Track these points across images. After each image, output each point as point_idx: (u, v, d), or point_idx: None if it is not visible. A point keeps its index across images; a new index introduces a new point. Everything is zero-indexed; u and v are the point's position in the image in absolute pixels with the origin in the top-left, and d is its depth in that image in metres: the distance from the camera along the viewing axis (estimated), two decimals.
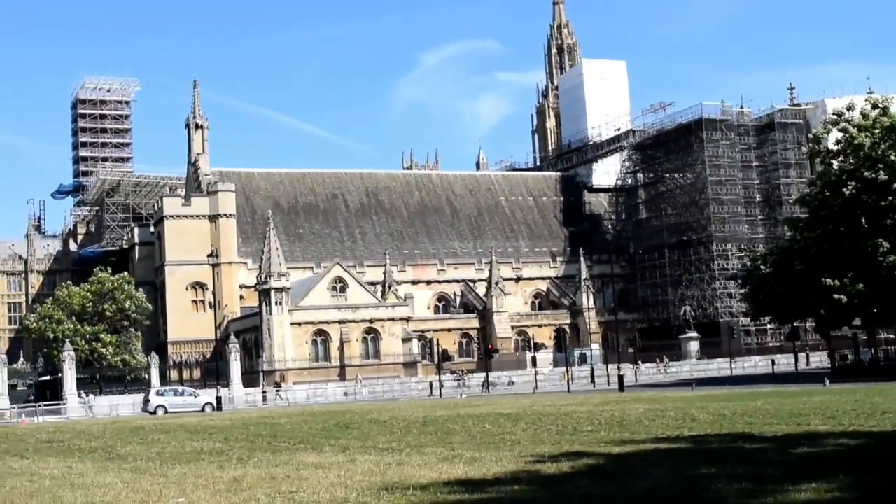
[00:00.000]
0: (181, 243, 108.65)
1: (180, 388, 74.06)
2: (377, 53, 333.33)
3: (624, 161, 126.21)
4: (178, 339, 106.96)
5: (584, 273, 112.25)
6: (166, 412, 63.00)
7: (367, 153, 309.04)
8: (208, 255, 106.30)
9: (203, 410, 65.09)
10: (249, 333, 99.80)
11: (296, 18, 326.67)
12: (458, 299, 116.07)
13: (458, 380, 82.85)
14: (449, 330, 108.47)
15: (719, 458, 16.44)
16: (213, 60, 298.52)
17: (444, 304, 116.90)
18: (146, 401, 67.10)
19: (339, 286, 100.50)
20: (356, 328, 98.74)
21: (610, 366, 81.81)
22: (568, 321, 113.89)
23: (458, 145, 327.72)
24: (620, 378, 64.80)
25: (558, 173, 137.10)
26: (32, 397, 78.79)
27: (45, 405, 73.19)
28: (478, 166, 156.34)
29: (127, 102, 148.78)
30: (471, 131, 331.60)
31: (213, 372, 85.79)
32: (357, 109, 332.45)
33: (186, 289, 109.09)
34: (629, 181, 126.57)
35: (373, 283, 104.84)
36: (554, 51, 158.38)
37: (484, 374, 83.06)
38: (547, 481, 14.65)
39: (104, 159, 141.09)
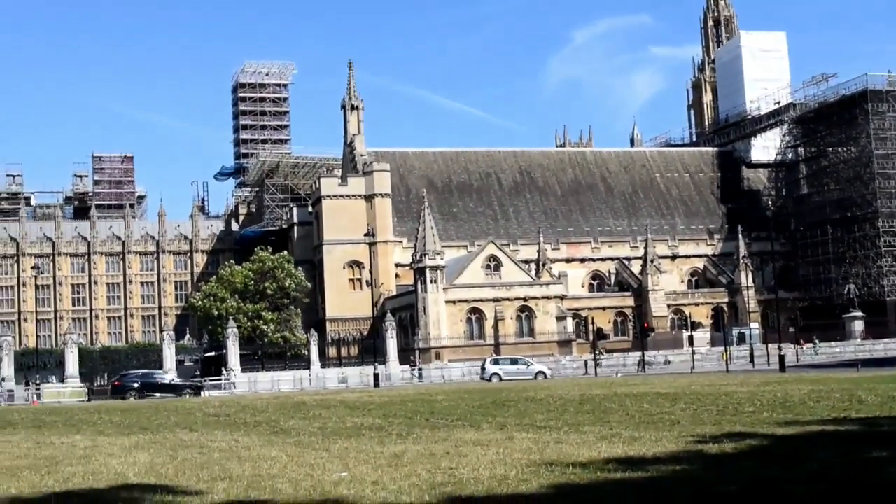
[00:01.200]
0: (338, 223, 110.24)
1: (515, 357, 77.04)
2: (529, 31, 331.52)
3: (784, 135, 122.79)
4: (336, 317, 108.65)
5: (743, 250, 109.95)
6: (500, 380, 65.45)
7: (519, 131, 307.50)
8: (365, 234, 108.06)
9: (535, 378, 66.81)
10: (405, 311, 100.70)
11: None
12: (613, 277, 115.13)
13: (596, 359, 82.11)
14: (603, 308, 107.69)
15: (891, 442, 15.92)
16: (367, 42, 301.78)
17: (598, 283, 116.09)
18: (483, 368, 70.58)
19: (493, 264, 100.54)
20: (510, 306, 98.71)
21: (770, 346, 79.96)
22: (726, 300, 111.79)
23: (612, 122, 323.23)
24: (781, 358, 63.43)
25: (715, 149, 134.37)
26: (198, 372, 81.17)
27: (211, 380, 75.41)
28: (632, 143, 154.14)
29: (285, 85, 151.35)
30: (624, 107, 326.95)
31: (370, 349, 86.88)
32: (510, 87, 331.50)
33: (344, 267, 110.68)
34: (789, 156, 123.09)
35: (526, 262, 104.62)
36: (710, 23, 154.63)
37: (639, 353, 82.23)
38: (709, 462, 14.39)
39: (264, 141, 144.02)
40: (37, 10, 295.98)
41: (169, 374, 72.00)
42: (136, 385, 65.93)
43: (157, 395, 64.34)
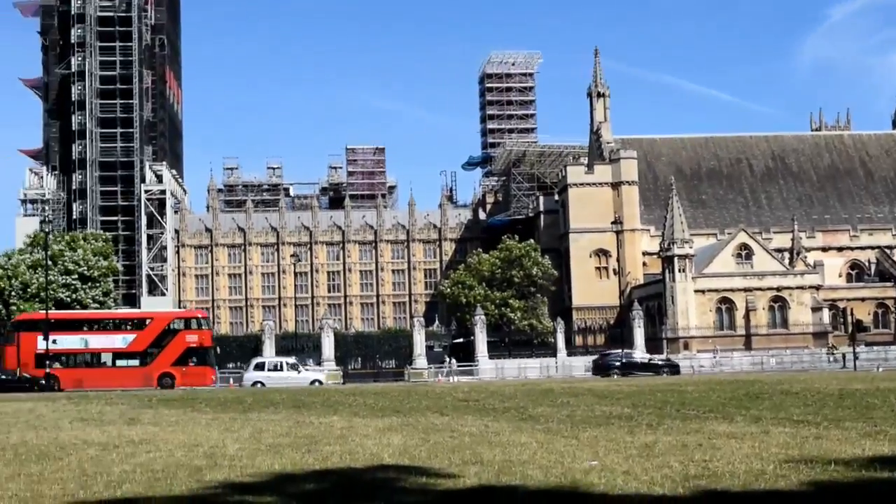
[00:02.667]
0: (584, 211, 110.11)
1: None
2: (782, 9, 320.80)
3: None
4: (583, 305, 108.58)
5: None
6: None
7: (771, 115, 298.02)
8: (612, 223, 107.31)
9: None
10: (652, 300, 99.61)
11: None
12: (873, 267, 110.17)
13: (830, 354, 78.71)
14: (863, 299, 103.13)
15: None
16: (612, 28, 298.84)
17: (857, 272, 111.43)
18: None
19: (745, 253, 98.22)
20: (762, 296, 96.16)
21: None
22: None
23: (871, 104, 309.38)
24: None
25: None
26: (447, 358, 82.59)
27: (459, 366, 76.70)
28: (894, 125, 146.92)
29: (531, 75, 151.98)
30: (885, 88, 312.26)
31: (616, 338, 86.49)
32: (761, 70, 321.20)
33: (590, 255, 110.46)
34: None
35: (779, 250, 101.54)
36: None
37: None
38: None
39: (510, 131, 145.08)
40: (292, 11, 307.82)
41: (645, 354, 76.43)
42: (617, 364, 69.85)
43: (638, 372, 67.38)
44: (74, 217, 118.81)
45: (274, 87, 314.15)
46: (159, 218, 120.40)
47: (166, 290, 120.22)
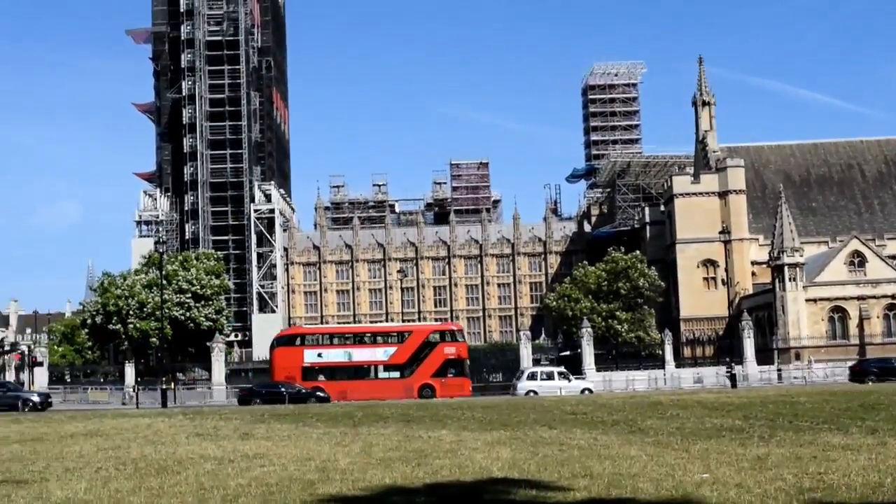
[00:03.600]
0: (691, 221, 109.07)
1: None
2: (887, 11, 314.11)
3: None
4: (690, 316, 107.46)
5: None
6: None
7: (884, 119, 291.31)
8: (719, 232, 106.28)
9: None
10: (762, 310, 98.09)
11: None
12: None
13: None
14: None
15: None
16: (715, 36, 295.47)
17: None
18: None
19: (857, 260, 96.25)
20: (876, 304, 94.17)
21: None
22: None
23: None
24: None
25: None
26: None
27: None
28: None
29: (634, 85, 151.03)
30: None
31: (725, 349, 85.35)
32: (871, 73, 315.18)
33: (697, 266, 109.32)
34: None
35: (894, 257, 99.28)
36: None
37: None
38: None
39: (614, 142, 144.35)
40: (395, 29, 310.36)
41: None
42: (874, 369, 67.45)
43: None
44: (187, 237, 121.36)
45: (378, 104, 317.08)
46: (268, 236, 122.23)
47: (276, 307, 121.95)
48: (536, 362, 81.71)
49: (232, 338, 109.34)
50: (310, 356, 68.66)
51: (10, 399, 59.59)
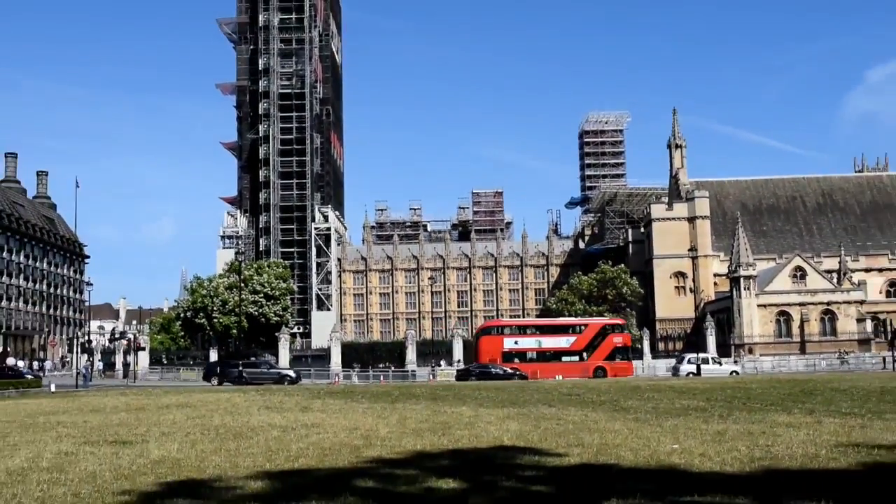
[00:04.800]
0: (665, 240, 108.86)
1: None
2: (826, 71, 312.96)
3: None
4: (664, 318, 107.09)
5: None
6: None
7: (821, 159, 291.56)
8: (688, 250, 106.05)
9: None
10: (722, 313, 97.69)
11: (754, 48, 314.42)
12: None
13: (841, 358, 75.39)
14: None
15: None
16: (688, 91, 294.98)
17: (895, 289, 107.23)
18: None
19: (799, 274, 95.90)
20: (814, 310, 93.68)
21: None
22: None
23: None
24: None
25: None
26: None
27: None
28: None
29: (620, 131, 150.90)
30: None
31: (692, 344, 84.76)
32: (812, 122, 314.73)
33: (670, 277, 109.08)
34: None
35: (829, 271, 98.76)
36: None
37: None
38: None
39: (604, 176, 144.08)
40: (430, 84, 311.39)
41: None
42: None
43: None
44: (261, 249, 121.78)
45: (415, 143, 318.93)
46: (325, 249, 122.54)
47: (331, 306, 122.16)
48: None
49: (295, 330, 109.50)
50: (508, 343, 69.54)
51: (274, 375, 59.81)
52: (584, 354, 68.89)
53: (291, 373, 62.79)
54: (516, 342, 69.82)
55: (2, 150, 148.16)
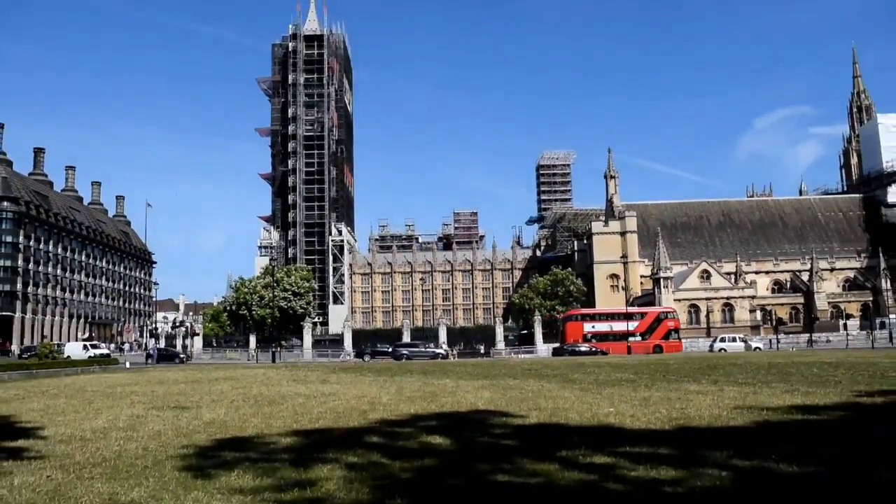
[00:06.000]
0: (603, 250, 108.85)
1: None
2: (723, 119, 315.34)
3: None
4: (602, 311, 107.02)
5: (883, 264, 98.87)
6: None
7: (721, 187, 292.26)
8: (620, 257, 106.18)
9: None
10: (647, 306, 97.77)
11: (671, 99, 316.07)
12: (789, 284, 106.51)
13: (744, 341, 75.83)
14: (782, 304, 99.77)
15: None
16: (622, 131, 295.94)
17: (778, 287, 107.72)
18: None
19: (705, 275, 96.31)
20: (717, 303, 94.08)
21: None
22: (871, 298, 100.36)
23: (786, 178, 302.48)
24: None
25: (861, 195, 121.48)
26: (516, 343, 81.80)
27: (524, 348, 75.91)
28: (800, 192, 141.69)
29: (568, 165, 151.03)
30: (795, 168, 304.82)
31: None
32: (713, 158, 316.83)
33: (607, 278, 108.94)
34: None
35: (728, 273, 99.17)
36: (854, 110, 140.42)
37: (808, 335, 75.70)
38: (864, 409, 13.02)
39: (555, 200, 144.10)
40: (421, 127, 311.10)
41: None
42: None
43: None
44: (289, 256, 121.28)
45: (409, 172, 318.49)
46: (340, 257, 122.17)
47: (343, 301, 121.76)
48: (506, 338, 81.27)
49: (316, 320, 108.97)
50: (587, 327, 69.14)
51: (430, 353, 60.61)
52: (646, 335, 67.97)
53: (442, 351, 62.94)
54: (593, 326, 69.14)
55: (90, 178, 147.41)
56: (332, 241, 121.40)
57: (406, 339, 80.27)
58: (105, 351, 63.98)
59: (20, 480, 7.77)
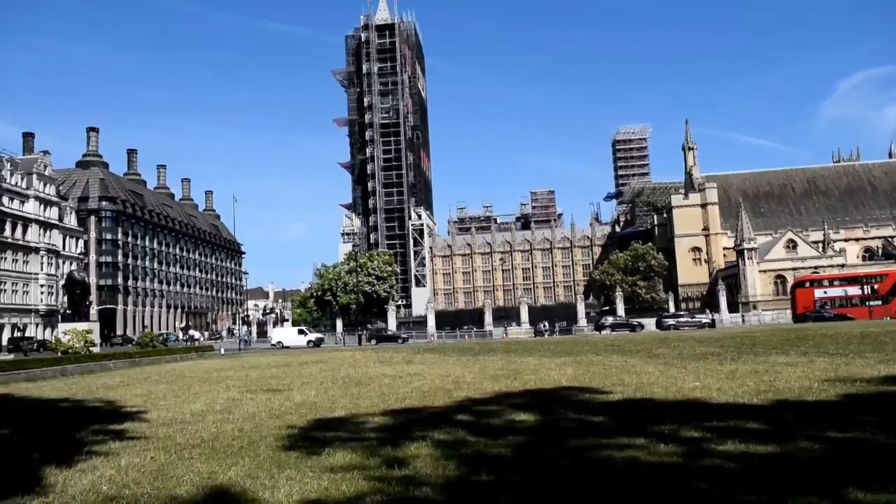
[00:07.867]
0: (684, 223, 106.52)
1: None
2: (803, 86, 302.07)
3: None
4: (685, 283, 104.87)
5: None
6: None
7: (804, 154, 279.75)
8: (702, 230, 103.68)
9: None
10: (731, 279, 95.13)
11: (748, 67, 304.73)
12: (880, 250, 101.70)
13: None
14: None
15: None
16: (699, 102, 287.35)
17: (869, 255, 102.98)
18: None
19: (791, 245, 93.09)
20: (804, 273, 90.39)
21: None
22: None
23: (873, 142, 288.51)
24: None
25: None
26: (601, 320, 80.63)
27: (616, 324, 74.82)
28: (890, 155, 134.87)
29: (644, 139, 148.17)
30: (882, 130, 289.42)
31: (708, 304, 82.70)
32: (795, 125, 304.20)
33: (688, 251, 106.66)
34: None
35: (815, 242, 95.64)
36: None
37: None
38: None
39: (633, 175, 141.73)
40: (495, 108, 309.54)
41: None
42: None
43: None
44: (371, 242, 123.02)
45: (487, 154, 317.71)
46: (420, 240, 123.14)
47: (425, 283, 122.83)
48: (587, 314, 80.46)
49: (399, 303, 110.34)
50: (818, 293, 65.92)
51: (697, 322, 61.04)
52: (887, 299, 62.78)
53: (707, 319, 62.53)
54: (825, 292, 65.53)
55: (180, 176, 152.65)
56: (412, 225, 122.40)
57: (488, 318, 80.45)
58: (321, 336, 66.19)
59: (126, 461, 8.13)
